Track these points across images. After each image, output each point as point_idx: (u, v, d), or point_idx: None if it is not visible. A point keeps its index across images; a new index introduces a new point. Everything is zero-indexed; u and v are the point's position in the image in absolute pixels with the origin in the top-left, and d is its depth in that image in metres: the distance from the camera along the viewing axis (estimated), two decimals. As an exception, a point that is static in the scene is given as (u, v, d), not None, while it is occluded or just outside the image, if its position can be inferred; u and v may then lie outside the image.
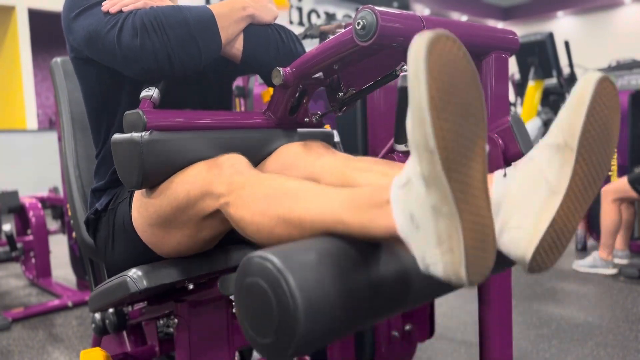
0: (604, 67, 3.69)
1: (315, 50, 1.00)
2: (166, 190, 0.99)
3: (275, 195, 0.82)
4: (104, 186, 1.19)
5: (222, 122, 1.07)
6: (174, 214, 0.99)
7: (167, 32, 0.99)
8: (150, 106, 1.01)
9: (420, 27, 0.86)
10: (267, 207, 0.82)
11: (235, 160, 0.94)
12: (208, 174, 0.93)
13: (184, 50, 1.01)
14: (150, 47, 0.99)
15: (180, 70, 1.03)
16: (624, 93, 3.43)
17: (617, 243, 3.09)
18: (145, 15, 1.00)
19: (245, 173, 0.90)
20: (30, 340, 2.31)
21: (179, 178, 0.98)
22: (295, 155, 1.07)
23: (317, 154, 1.06)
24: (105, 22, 1.03)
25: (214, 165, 0.94)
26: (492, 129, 1.02)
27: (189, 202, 0.95)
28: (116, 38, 1.00)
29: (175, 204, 0.98)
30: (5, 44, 7.42)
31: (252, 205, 0.84)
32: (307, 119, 1.20)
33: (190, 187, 0.95)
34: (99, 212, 1.18)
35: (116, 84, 1.13)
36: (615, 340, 2.10)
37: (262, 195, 0.84)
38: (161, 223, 1.02)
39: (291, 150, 1.09)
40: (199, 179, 0.94)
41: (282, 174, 0.94)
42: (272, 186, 0.84)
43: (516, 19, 15.28)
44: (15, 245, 2.83)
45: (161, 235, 1.05)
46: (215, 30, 1.05)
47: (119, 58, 1.02)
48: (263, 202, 0.83)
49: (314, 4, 9.53)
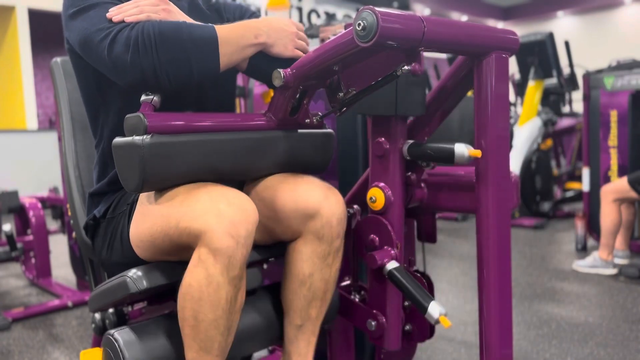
0: (604, 67, 3.69)
1: (316, 52, 1.00)
2: (164, 210, 1.00)
3: (197, 330, 0.96)
4: (103, 189, 1.19)
5: (223, 124, 1.07)
6: (163, 239, 1.00)
7: (160, 53, 0.97)
8: (151, 109, 1.01)
9: (421, 28, 0.86)
10: (185, 323, 0.97)
11: (238, 227, 0.93)
12: (206, 213, 0.92)
13: (174, 70, 0.99)
14: (138, 65, 0.97)
15: (168, 87, 1.01)
16: (624, 93, 3.44)
17: (617, 243, 3.09)
18: (142, 33, 0.97)
19: (230, 264, 0.92)
20: (30, 340, 2.31)
21: (178, 201, 0.98)
22: (315, 205, 1.11)
23: (335, 219, 1.12)
24: (99, 30, 1.01)
25: (216, 207, 0.93)
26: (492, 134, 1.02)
27: (176, 232, 0.97)
28: (107, 49, 0.99)
29: (166, 229, 0.99)
30: (5, 44, 7.41)
31: (184, 305, 0.96)
32: (308, 120, 1.20)
33: (183, 217, 0.95)
34: (97, 219, 1.18)
35: (112, 82, 1.13)
36: (615, 340, 2.10)
37: (194, 314, 0.95)
38: (151, 243, 1.04)
39: (311, 196, 1.12)
40: (194, 213, 0.94)
41: (234, 312, 0.99)
42: (207, 323, 0.95)
43: (516, 19, 15.28)
44: (15, 245, 2.83)
45: (155, 254, 1.07)
46: (214, 54, 1.02)
47: (109, 68, 1.01)
48: (189, 317, 0.96)
49: (314, 4, 9.53)
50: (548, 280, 2.95)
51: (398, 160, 1.13)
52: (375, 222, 1.15)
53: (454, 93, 1.15)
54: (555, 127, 5.15)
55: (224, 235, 0.91)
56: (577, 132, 5.57)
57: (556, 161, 5.54)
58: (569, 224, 4.44)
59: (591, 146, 3.60)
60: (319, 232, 1.11)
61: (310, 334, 1.18)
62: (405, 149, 1.12)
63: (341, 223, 1.13)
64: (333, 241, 1.13)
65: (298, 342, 1.17)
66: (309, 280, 1.14)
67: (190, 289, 0.94)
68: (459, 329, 2.25)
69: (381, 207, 1.14)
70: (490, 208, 1.02)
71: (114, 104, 1.16)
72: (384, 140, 1.14)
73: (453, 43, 0.94)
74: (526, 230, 4.33)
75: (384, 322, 1.18)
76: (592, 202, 3.55)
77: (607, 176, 3.51)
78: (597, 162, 3.57)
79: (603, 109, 3.52)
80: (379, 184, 1.15)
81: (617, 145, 3.47)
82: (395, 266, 1.10)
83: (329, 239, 1.12)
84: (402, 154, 1.13)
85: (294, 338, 1.18)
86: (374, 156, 1.16)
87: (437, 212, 1.26)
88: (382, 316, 1.18)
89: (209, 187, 0.99)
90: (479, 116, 1.01)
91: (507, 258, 1.04)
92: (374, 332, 1.19)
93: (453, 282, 2.95)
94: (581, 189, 4.37)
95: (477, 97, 1.01)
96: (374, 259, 1.11)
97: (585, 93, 3.62)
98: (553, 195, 4.82)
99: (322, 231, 1.11)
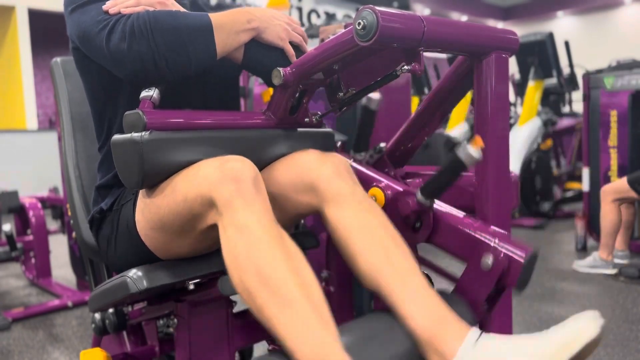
0: (604, 67, 3.69)
1: (316, 51, 1.00)
2: (167, 190, 0.99)
3: (269, 285, 0.84)
4: (109, 182, 1.19)
5: (222, 122, 1.07)
6: (173, 219, 0.99)
7: (156, 38, 0.98)
8: (150, 106, 1.01)
9: (421, 27, 0.86)
10: (254, 290, 0.85)
11: (242, 171, 0.91)
12: (210, 176, 0.92)
13: (172, 56, 1.00)
14: (136, 52, 0.98)
15: (168, 76, 1.02)
16: (624, 93, 3.43)
17: (617, 243, 3.09)
18: (137, 19, 0.99)
19: (249, 202, 0.88)
20: (30, 340, 2.31)
21: (180, 178, 0.98)
22: (311, 170, 1.05)
23: (334, 174, 1.04)
24: (97, 22, 1.03)
25: (218, 167, 0.92)
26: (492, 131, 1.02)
27: (186, 205, 0.95)
28: (105, 40, 1.00)
29: (174, 206, 0.97)
30: (5, 44, 7.41)
31: (241, 273, 0.87)
32: (307, 119, 1.20)
33: (189, 189, 0.94)
34: (104, 211, 1.18)
35: (117, 78, 1.13)
36: (615, 340, 2.09)
37: (255, 270, 0.85)
38: (161, 227, 1.03)
39: (306, 162, 1.07)
40: (198, 180, 0.93)
41: (288, 255, 0.89)
42: (270, 267, 0.85)
43: (516, 19, 15.28)
44: (15, 245, 2.83)
45: (163, 240, 1.05)
46: (210, 39, 1.03)
47: (108, 59, 1.02)
48: (253, 280, 0.85)
49: (314, 4, 9.53)
50: (548, 280, 2.95)
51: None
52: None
53: (454, 93, 1.15)
54: (555, 127, 5.15)
55: (231, 182, 0.90)
56: (577, 132, 5.57)
57: (556, 161, 5.54)
58: (569, 224, 4.44)
59: (591, 146, 3.60)
60: (331, 193, 1.03)
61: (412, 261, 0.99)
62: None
63: (348, 174, 1.06)
64: (354, 192, 1.04)
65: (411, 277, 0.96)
66: (363, 230, 1.00)
67: (236, 251, 0.88)
68: (459, 329, 2.25)
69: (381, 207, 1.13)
70: (490, 208, 1.02)
71: (121, 100, 1.16)
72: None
73: (453, 43, 0.94)
74: (526, 230, 4.33)
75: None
76: (592, 202, 3.55)
77: (607, 176, 3.51)
78: (597, 162, 3.57)
79: (603, 109, 3.52)
80: (379, 183, 1.15)
81: (617, 145, 3.47)
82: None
83: (345, 193, 1.03)
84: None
85: (401, 283, 0.95)
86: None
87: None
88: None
89: (205, 160, 0.98)
90: (479, 116, 1.01)
91: (507, 258, 1.04)
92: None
93: (451, 284, 2.95)
94: (581, 189, 4.36)
95: (477, 97, 1.01)
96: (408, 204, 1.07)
97: (585, 93, 3.61)
98: (553, 195, 4.82)
99: (332, 190, 1.03)
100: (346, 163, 1.09)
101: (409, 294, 0.93)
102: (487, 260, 0.97)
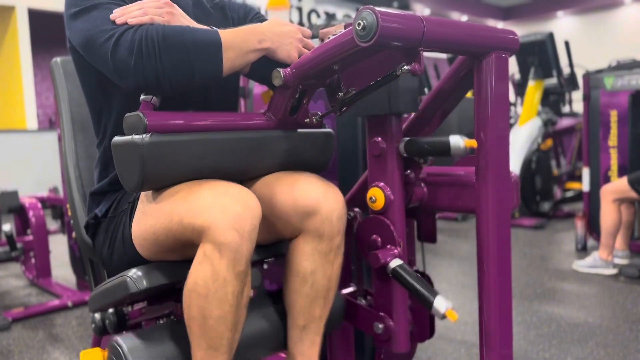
0: (604, 67, 3.69)
1: (316, 51, 1.00)
2: (166, 208, 1.00)
3: (208, 333, 0.96)
4: (104, 189, 1.19)
5: (222, 124, 1.07)
6: (166, 236, 1.00)
7: (163, 58, 0.96)
8: (151, 108, 1.01)
9: (421, 28, 0.86)
10: (192, 323, 0.97)
11: (242, 221, 0.93)
12: (209, 209, 0.92)
13: (176, 75, 0.98)
14: (141, 69, 0.97)
15: (169, 92, 1.01)
16: (624, 93, 3.43)
17: (617, 243, 3.09)
18: (145, 36, 0.97)
19: (235, 259, 0.93)
20: (30, 340, 2.31)
21: (180, 198, 0.98)
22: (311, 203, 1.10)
23: (335, 215, 1.12)
24: (102, 31, 1.00)
25: (220, 202, 0.93)
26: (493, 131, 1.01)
27: (180, 228, 0.97)
28: (111, 51, 0.99)
29: (169, 225, 0.99)
30: (5, 44, 7.41)
31: (193, 305, 0.96)
32: (307, 120, 1.20)
33: (186, 213, 0.95)
34: (99, 218, 1.18)
35: None
36: (615, 340, 2.10)
37: (202, 314, 0.95)
38: (154, 240, 1.04)
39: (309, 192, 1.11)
40: (197, 210, 0.94)
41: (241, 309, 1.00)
42: (218, 323, 0.96)
43: (516, 19, 15.28)
44: (15, 245, 2.83)
45: (156, 250, 1.07)
46: (218, 58, 1.01)
47: (111, 70, 1.01)
48: (197, 320, 0.96)
49: (314, 4, 9.53)
50: (548, 280, 2.95)
51: (395, 158, 1.13)
52: (377, 222, 1.15)
53: (454, 93, 1.15)
54: (555, 127, 5.15)
55: (228, 229, 0.91)
56: (577, 132, 5.57)
57: (556, 161, 5.54)
58: (569, 224, 4.44)
59: (591, 146, 3.60)
60: (319, 230, 1.10)
61: (314, 334, 1.17)
62: (401, 147, 1.12)
63: (341, 219, 1.13)
64: (334, 238, 1.12)
65: (302, 342, 1.17)
66: (311, 278, 1.13)
67: (196, 286, 0.94)
68: (459, 329, 2.25)
69: (381, 207, 1.14)
70: (490, 208, 1.02)
71: (117, 103, 1.15)
72: (380, 139, 1.14)
73: (453, 43, 0.94)
74: (526, 230, 4.33)
75: (391, 325, 1.17)
76: (592, 202, 3.55)
77: (607, 176, 3.51)
78: (597, 162, 3.57)
79: (603, 109, 3.52)
80: (378, 183, 1.15)
81: (617, 145, 3.47)
82: (398, 263, 1.10)
83: (329, 235, 1.11)
84: (399, 152, 1.13)
85: (297, 339, 1.17)
86: (372, 156, 1.16)
87: (437, 212, 1.25)
88: (389, 319, 1.18)
89: (212, 183, 0.98)
90: (479, 116, 1.01)
91: (507, 258, 1.04)
92: (381, 335, 1.18)
93: (453, 282, 2.95)
94: (581, 189, 4.37)
95: (477, 97, 1.01)
96: (377, 257, 1.11)
97: (585, 93, 3.61)
98: (553, 195, 4.82)
99: (322, 228, 1.10)
100: (343, 201, 1.15)
101: (299, 350, 1.17)
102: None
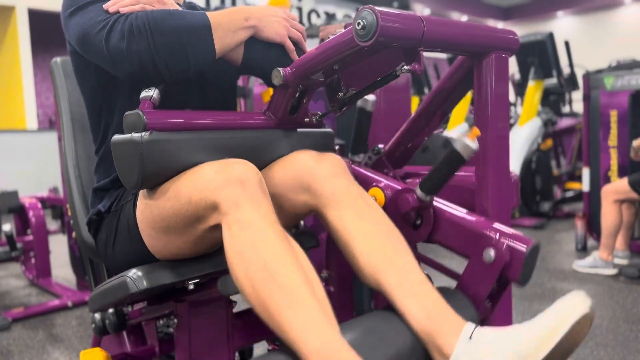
0: (604, 67, 3.69)
1: (316, 51, 1.00)
2: (171, 192, 0.99)
3: (275, 279, 0.84)
4: (106, 186, 1.19)
5: (222, 123, 1.07)
6: (176, 220, 0.99)
7: (155, 37, 0.98)
8: (150, 107, 1.01)
9: (421, 27, 0.86)
10: (259, 284, 0.85)
11: (247, 174, 0.92)
12: (215, 179, 0.92)
13: (171, 56, 1.00)
14: (135, 51, 0.98)
15: (167, 76, 1.02)
16: (624, 93, 3.43)
17: (618, 243, 3.09)
18: (135, 19, 0.99)
19: (255, 202, 0.89)
20: (30, 340, 2.31)
21: (184, 180, 0.98)
22: (307, 170, 1.06)
23: (330, 174, 1.05)
24: (96, 22, 1.02)
25: (223, 170, 0.93)
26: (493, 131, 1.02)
27: (191, 207, 0.95)
28: (104, 39, 1.00)
29: (177, 207, 0.97)
30: (5, 44, 7.42)
31: (247, 267, 0.87)
32: (307, 119, 1.20)
33: (193, 191, 0.94)
34: (102, 213, 1.18)
35: (114, 80, 1.13)
36: (615, 340, 2.09)
37: (261, 264, 0.86)
38: (164, 227, 1.02)
39: (303, 162, 1.08)
40: (204, 184, 0.93)
41: (293, 251, 0.90)
42: (276, 261, 0.86)
43: (516, 19, 15.28)
44: (15, 245, 2.83)
45: (163, 239, 1.05)
46: (209, 38, 1.03)
47: (107, 59, 1.02)
48: (259, 273, 0.85)
49: (314, 4, 9.53)
50: (548, 280, 2.95)
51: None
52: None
53: (453, 93, 1.15)
54: (555, 127, 5.15)
55: (236, 187, 0.90)
56: (577, 132, 5.57)
57: (556, 161, 5.54)
58: (569, 224, 4.44)
59: (591, 146, 3.60)
60: (331, 196, 1.05)
61: (409, 257, 1.00)
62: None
63: (344, 173, 1.07)
64: (349, 191, 1.05)
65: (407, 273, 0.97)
66: (360, 230, 1.02)
67: (241, 247, 0.87)
68: (459, 329, 2.25)
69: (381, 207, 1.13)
70: (490, 208, 1.02)
71: (118, 103, 1.16)
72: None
73: (453, 43, 0.94)
74: (526, 230, 4.33)
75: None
76: (592, 202, 3.55)
77: (607, 176, 3.51)
78: (597, 162, 3.57)
79: (603, 109, 3.52)
80: (378, 183, 1.15)
81: (617, 145, 3.47)
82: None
83: (342, 193, 1.05)
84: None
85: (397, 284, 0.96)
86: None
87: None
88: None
89: (207, 163, 0.98)
90: (479, 116, 1.01)
91: (507, 258, 1.04)
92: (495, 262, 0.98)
93: (453, 282, 2.95)
94: (581, 189, 4.37)
95: (477, 97, 1.01)
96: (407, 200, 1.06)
97: (585, 93, 3.61)
98: (553, 195, 4.82)
99: (331, 192, 1.05)
100: (342, 162, 1.10)
101: (407, 290, 0.95)
102: (489, 253, 0.97)
